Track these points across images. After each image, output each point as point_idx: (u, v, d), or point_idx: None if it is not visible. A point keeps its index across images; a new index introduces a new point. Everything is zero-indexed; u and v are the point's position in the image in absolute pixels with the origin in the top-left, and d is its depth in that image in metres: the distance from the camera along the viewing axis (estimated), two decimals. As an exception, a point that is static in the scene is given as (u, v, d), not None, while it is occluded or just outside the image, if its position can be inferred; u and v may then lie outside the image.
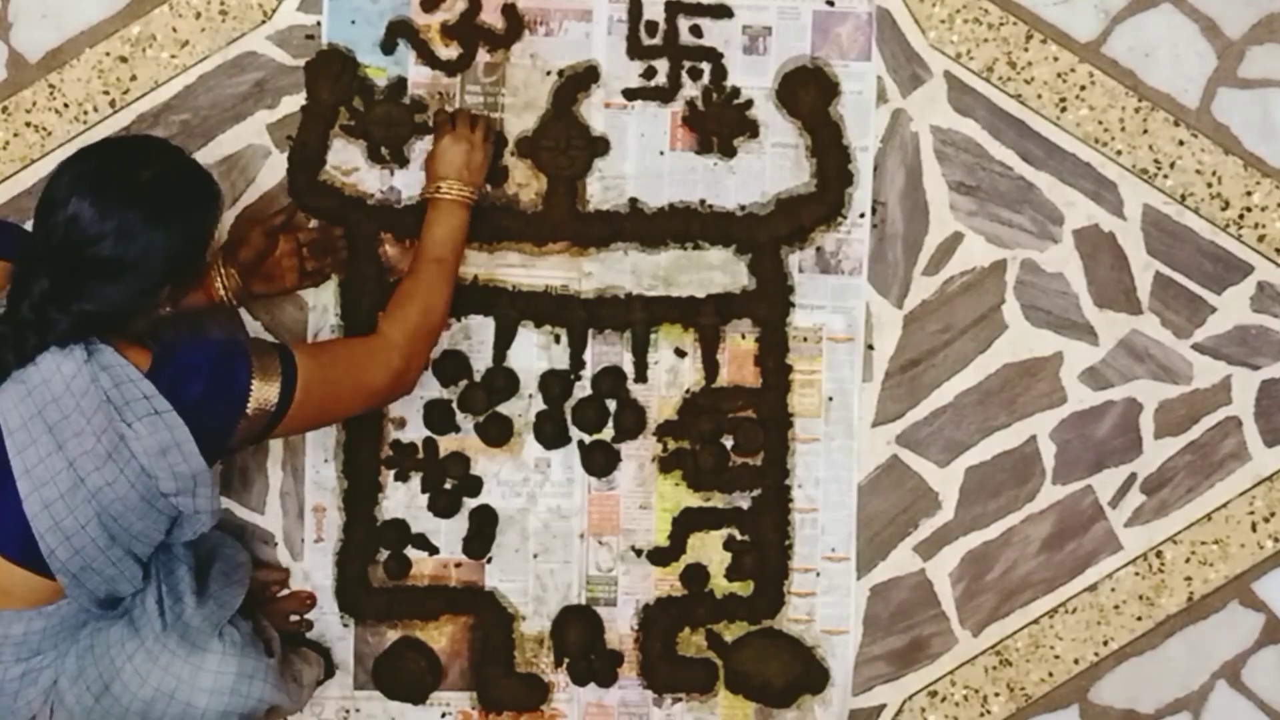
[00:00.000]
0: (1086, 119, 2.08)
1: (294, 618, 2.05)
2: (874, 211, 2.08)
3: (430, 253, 1.90)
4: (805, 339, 2.08)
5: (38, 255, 1.59)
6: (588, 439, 2.07)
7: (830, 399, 2.08)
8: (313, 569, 2.06)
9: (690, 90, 2.07)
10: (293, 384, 1.69)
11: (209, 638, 1.74)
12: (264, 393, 1.67)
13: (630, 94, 2.07)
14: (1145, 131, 2.09)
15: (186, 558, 1.80)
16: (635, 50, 2.06)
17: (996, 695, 2.12)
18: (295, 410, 1.70)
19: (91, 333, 1.60)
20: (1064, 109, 2.08)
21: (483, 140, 1.98)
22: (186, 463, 1.63)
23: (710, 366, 2.07)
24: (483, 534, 2.07)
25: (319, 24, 2.04)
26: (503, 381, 2.05)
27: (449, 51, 2.05)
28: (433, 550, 2.07)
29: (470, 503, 2.07)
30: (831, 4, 2.07)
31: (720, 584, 2.09)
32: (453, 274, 1.92)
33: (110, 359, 1.60)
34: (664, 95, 2.07)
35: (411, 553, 2.07)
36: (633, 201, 2.07)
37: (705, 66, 2.07)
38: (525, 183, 2.07)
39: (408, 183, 2.05)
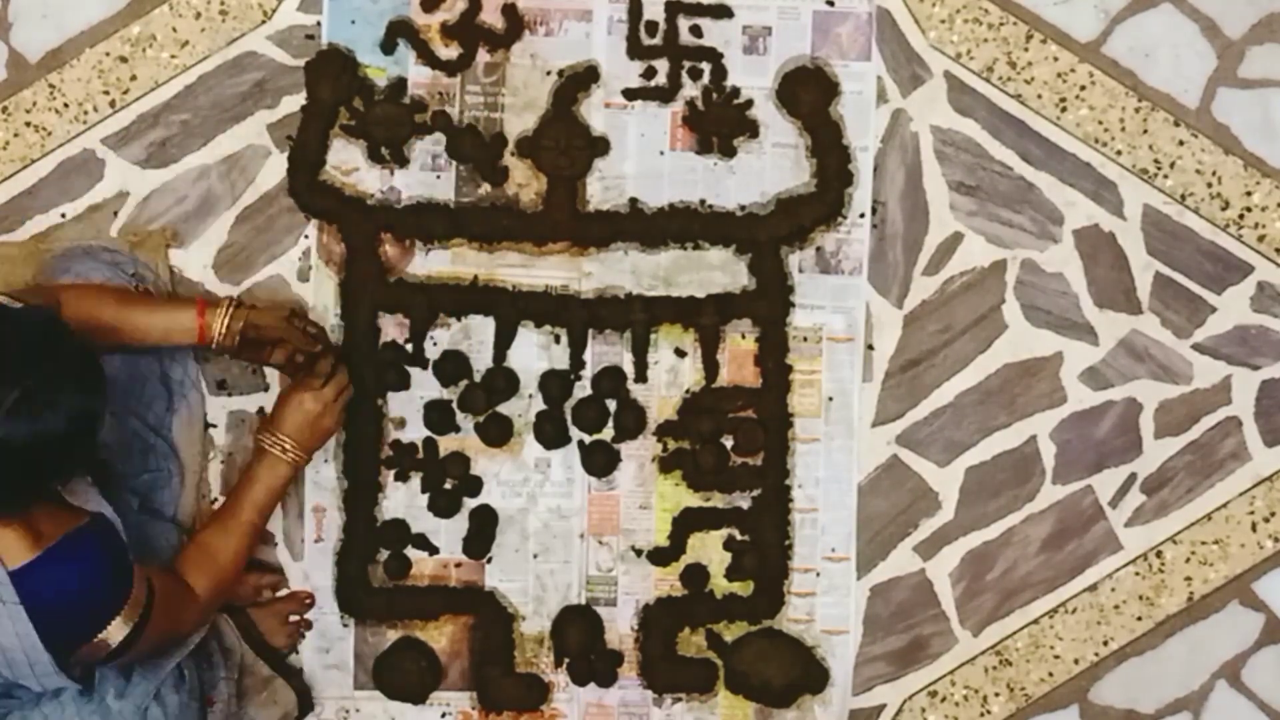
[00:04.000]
0: (1086, 119, 2.08)
1: (293, 618, 2.05)
2: (874, 211, 2.08)
3: (246, 511, 1.84)
4: (805, 339, 2.08)
5: None
6: (588, 439, 2.07)
7: (830, 399, 2.09)
8: (312, 569, 2.06)
9: (690, 90, 2.07)
10: (143, 627, 1.59)
11: (132, 717, 1.68)
12: (115, 631, 1.56)
13: (630, 94, 2.07)
14: (1145, 131, 2.09)
15: None
16: (635, 50, 2.06)
17: (996, 695, 2.12)
18: (123, 651, 1.59)
19: None
20: (1064, 109, 2.08)
21: (335, 401, 1.89)
22: (26, 655, 1.52)
23: (710, 366, 2.07)
24: (483, 534, 2.07)
25: (319, 24, 2.04)
26: (503, 381, 2.05)
27: (449, 51, 2.05)
28: (433, 550, 2.07)
29: (470, 503, 2.07)
30: (831, 4, 2.07)
31: (720, 584, 2.09)
32: (259, 530, 1.88)
33: None
34: (664, 95, 2.07)
35: (411, 553, 2.07)
36: (633, 201, 2.07)
37: (705, 66, 2.07)
38: (525, 183, 2.07)
39: (408, 183, 2.05)
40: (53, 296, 1.76)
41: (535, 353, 2.07)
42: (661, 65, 2.07)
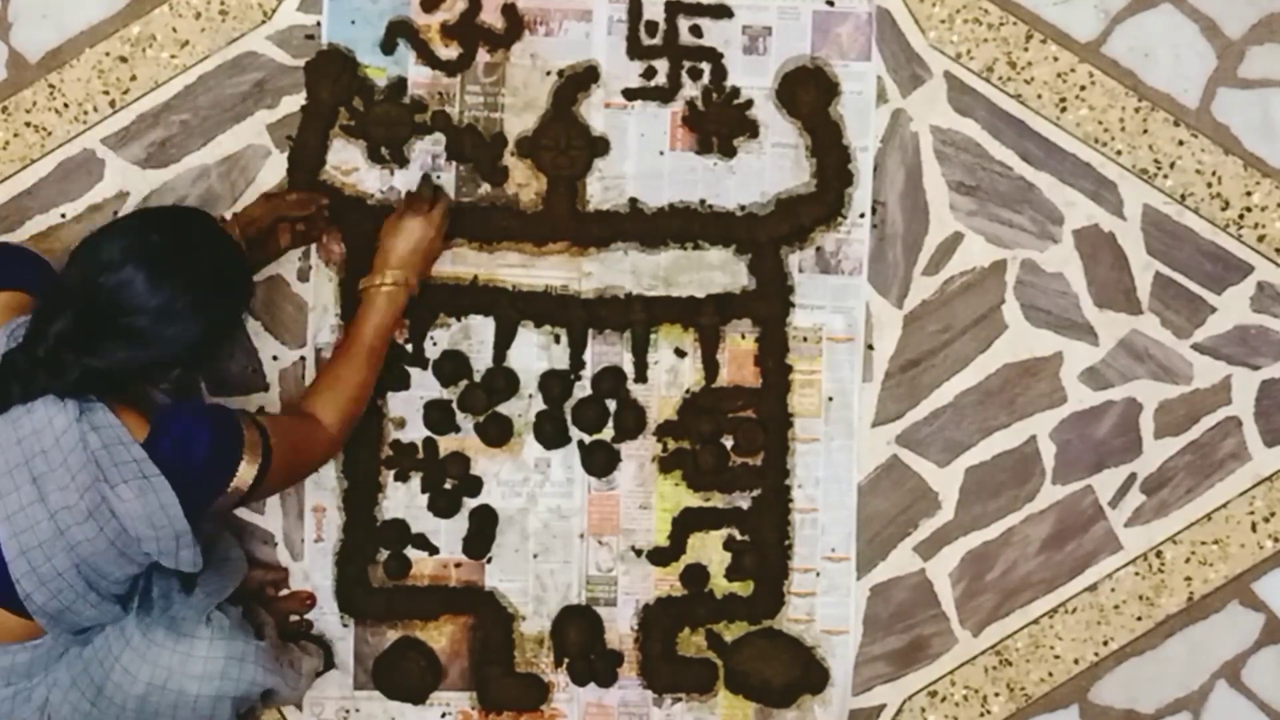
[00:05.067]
0: (1086, 119, 2.08)
1: (294, 618, 2.05)
2: (874, 211, 2.08)
3: (366, 340, 1.90)
4: (805, 339, 2.08)
5: (65, 299, 1.59)
6: (588, 439, 2.07)
7: (830, 399, 2.09)
8: (313, 569, 2.06)
9: (690, 90, 2.07)
10: (268, 466, 1.71)
11: (195, 625, 1.75)
12: (245, 473, 1.68)
13: (630, 94, 2.07)
14: (1145, 131, 2.09)
15: None
16: (635, 50, 2.06)
17: (996, 695, 2.12)
18: (256, 490, 1.72)
19: (94, 389, 1.60)
20: (1064, 109, 2.08)
21: (442, 220, 1.97)
22: (171, 525, 1.63)
23: (710, 366, 2.07)
24: (483, 534, 2.07)
25: (319, 24, 2.04)
26: (503, 381, 2.05)
27: (449, 51, 2.05)
28: (433, 550, 2.07)
29: (470, 503, 2.07)
30: (831, 4, 2.07)
31: (720, 584, 2.09)
32: (383, 356, 1.94)
33: (103, 419, 1.60)
34: (664, 95, 2.07)
35: (411, 553, 2.07)
36: (633, 201, 2.07)
37: (705, 66, 2.07)
38: (525, 183, 2.07)
39: (408, 182, 2.05)
40: None
41: (535, 353, 2.07)
42: (661, 65, 2.07)
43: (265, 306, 2.04)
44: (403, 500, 2.07)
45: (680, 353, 2.08)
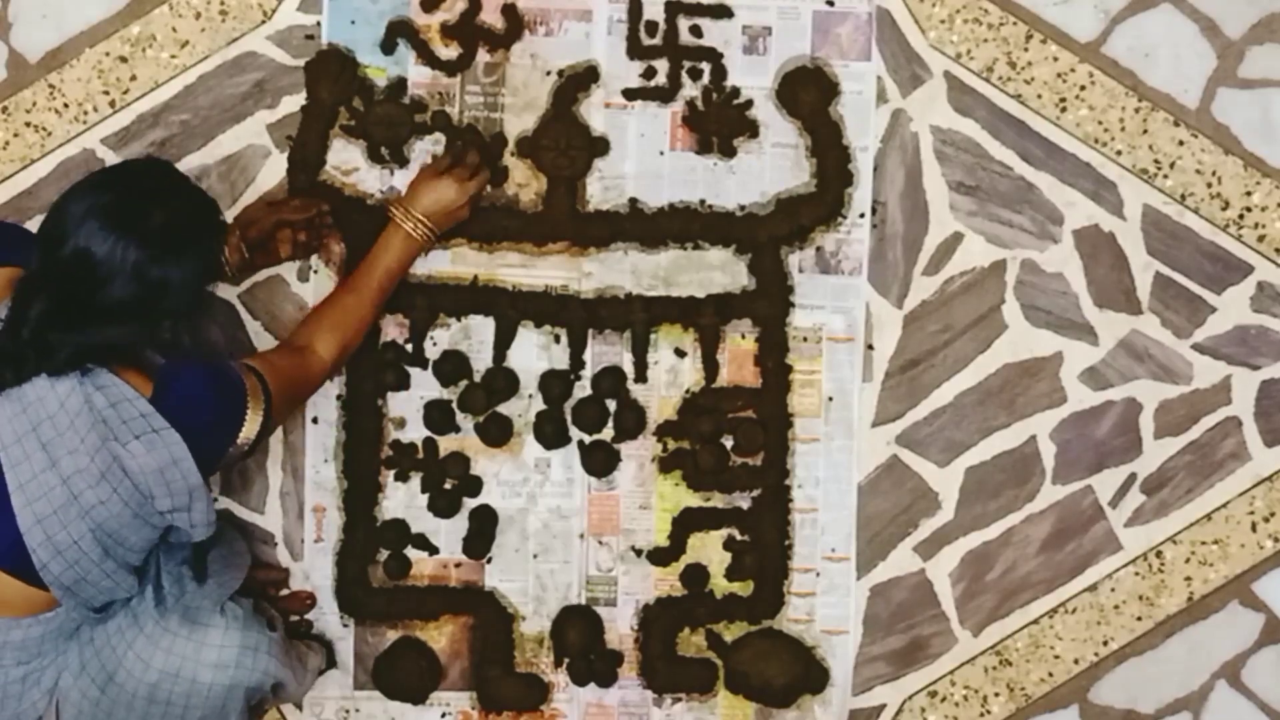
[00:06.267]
0: (1086, 119, 2.08)
1: (294, 618, 2.05)
2: (874, 211, 2.08)
3: (376, 277, 1.92)
4: (805, 339, 2.08)
5: (38, 279, 1.58)
6: (588, 439, 2.07)
7: (830, 399, 2.09)
8: (313, 569, 2.06)
9: (690, 90, 2.07)
10: (269, 410, 1.71)
11: (210, 614, 1.76)
12: (251, 423, 1.69)
13: (630, 94, 2.07)
14: (1145, 131, 2.09)
15: (185, 544, 1.80)
16: (635, 50, 2.06)
17: (996, 695, 2.12)
18: (261, 437, 1.72)
19: (89, 361, 1.60)
20: (1064, 109, 2.08)
21: (476, 192, 1.99)
22: (185, 479, 1.63)
23: (710, 366, 2.07)
24: (483, 534, 2.07)
25: (319, 24, 2.04)
26: (503, 381, 2.06)
27: (449, 51, 2.05)
28: (433, 550, 2.07)
29: (470, 503, 2.07)
30: (831, 4, 2.07)
31: (720, 584, 2.09)
32: (387, 296, 1.95)
33: (106, 379, 1.60)
34: (664, 95, 2.07)
35: (411, 553, 2.07)
36: (633, 201, 2.07)
37: (705, 66, 2.07)
38: (525, 183, 2.07)
39: (407, 183, 2.04)
40: None
41: (535, 353, 2.07)
42: (661, 65, 2.07)
43: (265, 306, 2.04)
44: (403, 500, 2.07)
45: (680, 353, 2.08)
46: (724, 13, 2.06)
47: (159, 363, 1.68)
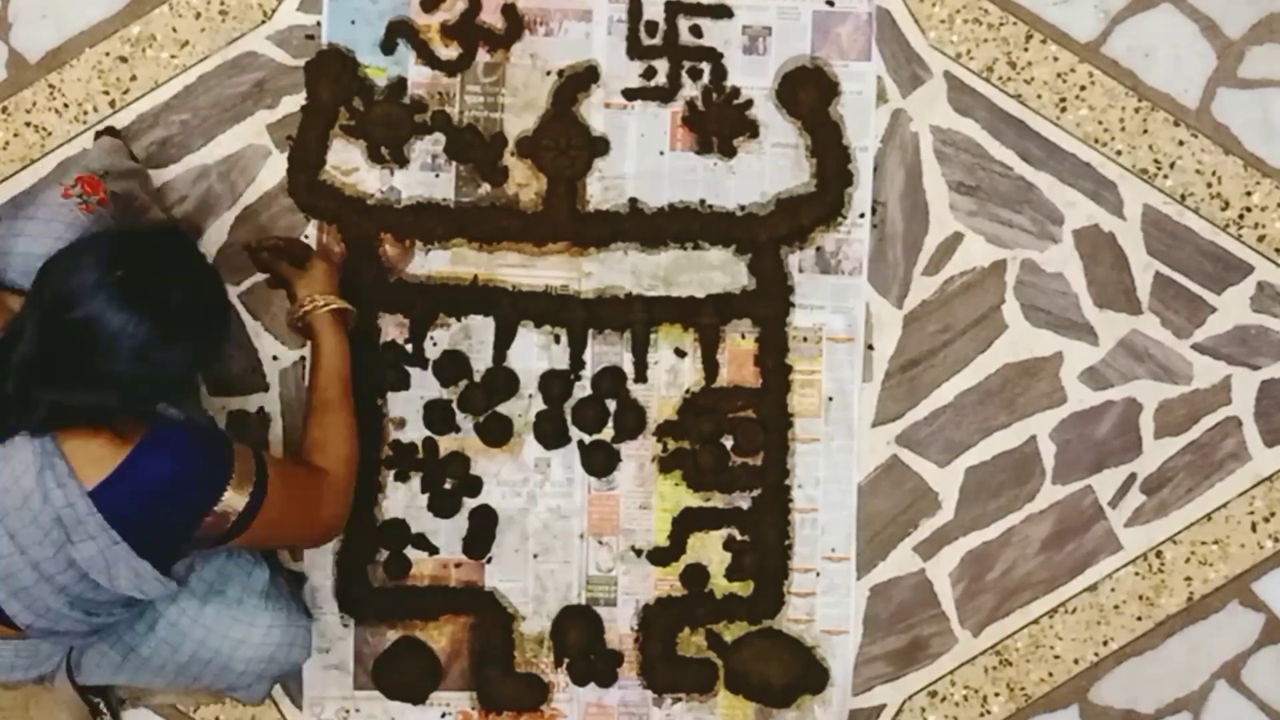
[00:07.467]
0: (1086, 119, 2.08)
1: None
2: (874, 211, 2.08)
3: (331, 388, 1.85)
4: (805, 339, 2.08)
5: (32, 325, 1.50)
6: (588, 439, 2.07)
7: (830, 399, 2.08)
8: (313, 569, 2.06)
9: (690, 90, 2.07)
10: (261, 498, 1.63)
11: (256, 611, 1.79)
12: (232, 500, 1.60)
13: (630, 94, 2.07)
14: (1145, 131, 2.09)
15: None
16: (635, 50, 2.06)
17: (996, 695, 2.12)
18: (256, 522, 1.63)
19: (65, 421, 1.52)
20: (1064, 109, 2.08)
21: (337, 259, 1.98)
22: (139, 577, 1.59)
23: (710, 366, 2.07)
24: (483, 534, 2.07)
25: (319, 24, 2.04)
26: (503, 381, 2.06)
27: (449, 51, 2.05)
28: (433, 550, 2.07)
29: (470, 503, 2.07)
30: (831, 4, 2.07)
31: (720, 584, 2.09)
32: (349, 393, 1.87)
33: (63, 474, 1.52)
34: (664, 95, 2.07)
35: (411, 553, 2.07)
36: (633, 201, 2.07)
37: (705, 66, 2.07)
38: (525, 183, 2.07)
39: (407, 183, 2.05)
40: None
41: (535, 353, 2.07)
42: (661, 65, 2.07)
43: (265, 306, 2.04)
44: (403, 500, 2.07)
45: (680, 353, 2.08)
46: (724, 13, 2.06)
47: (154, 417, 1.61)
